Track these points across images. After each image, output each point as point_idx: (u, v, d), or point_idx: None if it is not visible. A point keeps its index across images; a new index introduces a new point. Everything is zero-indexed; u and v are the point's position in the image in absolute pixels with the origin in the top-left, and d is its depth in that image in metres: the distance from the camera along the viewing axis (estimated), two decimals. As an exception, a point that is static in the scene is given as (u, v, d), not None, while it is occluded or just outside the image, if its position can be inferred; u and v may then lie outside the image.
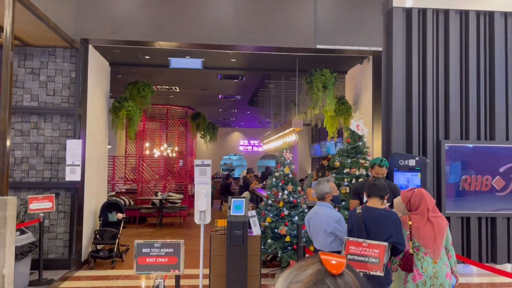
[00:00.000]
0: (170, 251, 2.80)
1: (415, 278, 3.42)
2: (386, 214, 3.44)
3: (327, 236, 3.74)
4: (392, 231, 3.32)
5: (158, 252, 2.80)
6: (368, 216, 3.44)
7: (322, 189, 3.90)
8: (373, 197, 3.52)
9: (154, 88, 10.65)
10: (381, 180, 3.62)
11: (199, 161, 5.36)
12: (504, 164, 6.70)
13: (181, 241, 2.86)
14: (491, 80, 6.80)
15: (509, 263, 6.72)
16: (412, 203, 3.51)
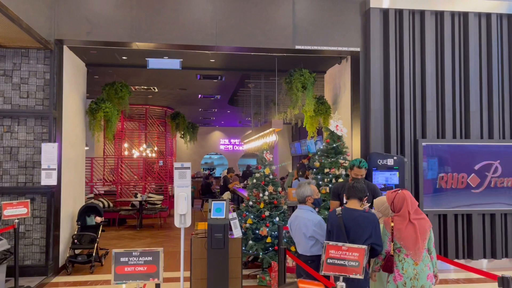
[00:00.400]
0: (149, 259, 2.76)
1: (395, 279, 3.47)
2: (366, 216, 3.48)
3: (308, 240, 3.74)
4: (371, 232, 3.37)
5: (136, 260, 2.75)
6: (348, 217, 3.46)
7: (303, 192, 3.89)
8: (352, 199, 3.55)
9: (132, 88, 10.51)
10: (360, 182, 3.65)
11: (178, 164, 5.30)
12: (479, 162, 6.86)
13: (160, 249, 2.82)
14: (465, 79, 6.95)
15: (485, 259, 6.89)
16: (395, 204, 3.56)
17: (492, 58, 6.96)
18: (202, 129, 19.82)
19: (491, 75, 6.96)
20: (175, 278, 6.13)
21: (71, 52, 7.01)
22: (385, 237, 3.53)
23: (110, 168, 13.48)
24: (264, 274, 6.00)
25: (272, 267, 5.76)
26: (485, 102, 6.96)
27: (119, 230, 10.82)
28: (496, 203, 6.86)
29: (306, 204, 3.91)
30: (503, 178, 6.88)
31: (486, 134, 6.95)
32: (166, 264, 7.14)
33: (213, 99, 12.73)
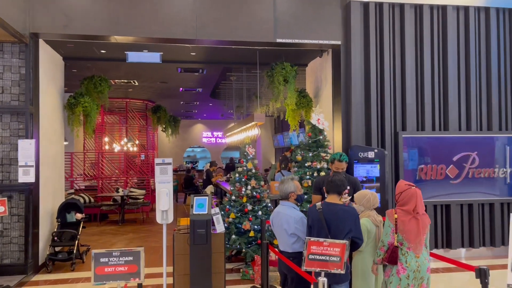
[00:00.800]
0: (129, 259, 2.73)
1: (399, 272, 3.47)
2: (347, 210, 3.50)
3: (289, 237, 3.73)
4: (352, 226, 3.39)
5: (117, 261, 2.72)
6: (329, 211, 3.48)
7: (286, 188, 3.85)
8: (331, 194, 3.56)
9: (112, 82, 10.35)
10: (339, 176, 3.65)
11: (159, 160, 5.24)
12: (457, 153, 6.99)
13: (141, 249, 2.79)
14: (444, 72, 7.04)
15: (463, 248, 7.06)
16: (403, 196, 3.54)
17: (470, 51, 7.07)
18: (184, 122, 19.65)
19: (468, 68, 7.07)
20: (158, 273, 6.09)
21: (48, 46, 6.84)
22: (388, 229, 3.52)
23: (91, 162, 13.29)
24: (247, 268, 6.03)
25: (255, 261, 5.79)
26: (463, 95, 7.08)
27: (101, 225, 10.70)
28: (474, 192, 7.01)
29: (289, 200, 3.88)
30: (480, 169, 7.03)
31: (464, 126, 7.08)
32: (149, 259, 7.11)
33: (195, 92, 12.63)
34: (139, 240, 8.90)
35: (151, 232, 9.65)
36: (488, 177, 7.05)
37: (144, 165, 14.03)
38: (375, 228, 3.82)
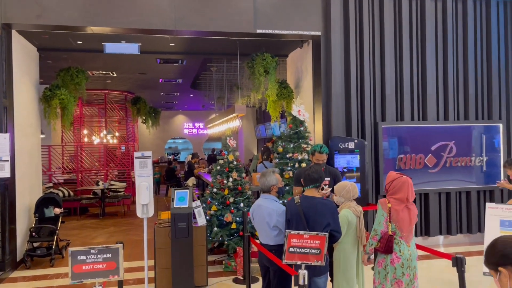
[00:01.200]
0: (108, 256, 2.69)
1: (393, 261, 3.50)
2: (325, 203, 3.50)
3: (271, 230, 3.70)
4: (330, 220, 3.40)
5: (95, 258, 2.67)
6: (307, 205, 3.47)
7: (269, 181, 3.81)
8: (309, 187, 3.56)
9: (89, 73, 10.13)
10: (316, 168, 3.62)
11: (139, 153, 5.17)
12: (436, 143, 7.11)
13: (119, 246, 2.75)
14: (422, 63, 7.11)
15: (441, 235, 7.21)
16: (394, 185, 3.56)
17: (448, 41, 7.15)
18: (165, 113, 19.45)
19: (446, 59, 7.16)
20: (140, 267, 6.06)
21: (21, 37, 6.63)
22: (381, 218, 3.53)
23: (70, 155, 13.04)
24: (229, 260, 6.04)
25: (238, 253, 5.79)
26: (441, 85, 7.18)
27: (81, 219, 10.55)
28: (452, 180, 7.14)
29: (270, 193, 3.86)
30: (458, 158, 7.16)
31: (442, 116, 7.19)
32: (131, 253, 7.05)
33: (175, 83, 12.47)
34: (120, 233, 8.82)
35: (133, 225, 9.57)
36: (465, 166, 7.20)
37: (125, 158, 13.85)
38: (355, 219, 3.86)
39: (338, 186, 4.07)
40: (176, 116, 21.39)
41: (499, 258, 1.59)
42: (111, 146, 13.96)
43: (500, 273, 1.59)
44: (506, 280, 1.57)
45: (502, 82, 7.38)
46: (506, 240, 1.61)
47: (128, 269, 6.16)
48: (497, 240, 1.65)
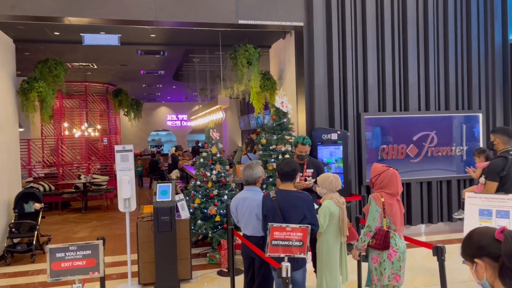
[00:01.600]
0: (87, 253, 2.64)
1: (390, 256, 3.45)
2: (301, 196, 3.48)
3: (260, 221, 3.69)
4: (306, 213, 3.39)
5: (74, 255, 2.62)
6: (283, 199, 3.45)
7: (256, 173, 3.77)
8: (284, 181, 3.54)
9: (69, 65, 9.91)
10: (288, 162, 3.56)
11: (120, 147, 5.10)
12: (417, 133, 7.18)
13: (99, 242, 2.70)
14: (404, 53, 7.15)
15: (423, 224, 7.33)
16: (382, 179, 3.49)
17: (429, 32, 7.20)
18: (147, 105, 19.22)
19: (427, 49, 7.21)
20: (123, 261, 6.00)
21: (-5, 28, 6.44)
22: (376, 213, 3.45)
23: (50, 149, 12.80)
24: (214, 253, 6.02)
25: (222, 245, 5.78)
26: (422, 75, 7.23)
27: (63, 214, 10.40)
28: (433, 170, 7.24)
29: (256, 185, 3.83)
30: (439, 148, 7.26)
31: (424, 106, 7.26)
32: (114, 247, 6.99)
33: (157, 74, 12.31)
34: (103, 227, 8.72)
35: (116, 219, 9.47)
36: (446, 155, 7.30)
37: (107, 151, 13.66)
38: (338, 210, 3.87)
39: (321, 178, 4.08)
40: (159, 108, 21.17)
41: (475, 249, 1.60)
42: (93, 139, 13.75)
43: (476, 264, 1.60)
44: (482, 271, 1.59)
45: (481, 73, 7.48)
46: (482, 231, 1.62)
47: (111, 264, 6.11)
48: (474, 231, 1.66)
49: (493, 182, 4.51)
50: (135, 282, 5.18)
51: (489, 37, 7.51)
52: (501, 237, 1.54)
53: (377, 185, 3.54)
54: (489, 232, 1.59)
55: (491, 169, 4.58)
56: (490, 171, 4.57)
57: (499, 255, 1.52)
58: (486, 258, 1.56)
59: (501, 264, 1.52)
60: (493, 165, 4.58)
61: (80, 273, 2.63)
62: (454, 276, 4.94)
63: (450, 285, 4.79)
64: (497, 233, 1.56)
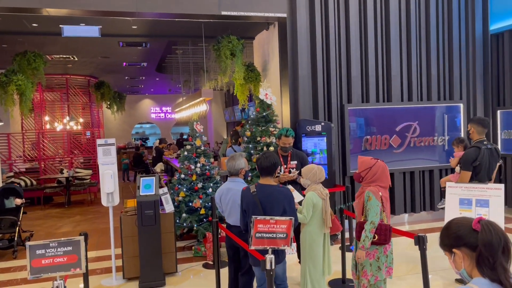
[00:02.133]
0: (68, 249, 2.60)
1: (386, 250, 3.44)
2: (281, 190, 3.50)
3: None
4: (286, 207, 3.41)
5: (54, 252, 2.58)
6: (263, 193, 3.45)
7: (238, 164, 3.83)
8: (263, 176, 3.54)
9: (48, 57, 9.71)
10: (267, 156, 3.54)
11: (102, 141, 5.03)
12: (400, 124, 7.25)
13: (81, 238, 2.66)
14: (387, 44, 7.18)
15: (406, 213, 7.43)
16: (373, 171, 3.42)
17: (411, 23, 7.23)
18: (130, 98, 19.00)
19: (410, 41, 7.26)
20: (107, 256, 5.95)
21: (-30, 19, 6.25)
22: (377, 208, 3.35)
23: (31, 143, 12.57)
24: (199, 245, 6.02)
25: (207, 238, 5.78)
26: (405, 66, 7.28)
27: (45, 209, 10.25)
28: (416, 159, 7.32)
29: (238, 176, 3.89)
30: (421, 138, 7.35)
31: (406, 97, 7.32)
32: (98, 241, 6.92)
33: (140, 66, 12.15)
34: (86, 222, 8.63)
35: (100, 213, 9.37)
36: (428, 145, 7.39)
37: (90, 144, 13.47)
38: (321, 201, 3.89)
39: (305, 169, 4.09)
40: (142, 100, 20.95)
41: (453, 240, 1.63)
42: (75, 132, 13.53)
43: (454, 254, 1.62)
44: (460, 261, 1.61)
45: (462, 64, 7.57)
46: (459, 222, 1.65)
47: (95, 259, 6.05)
48: (451, 222, 1.68)
49: (467, 172, 4.59)
50: (119, 277, 5.15)
51: (470, 28, 7.59)
52: (478, 227, 1.56)
53: (368, 178, 3.46)
54: (466, 223, 1.61)
55: (464, 159, 4.66)
56: (464, 161, 4.65)
57: (477, 245, 1.54)
58: (464, 248, 1.59)
59: (478, 253, 1.54)
60: (467, 155, 4.66)
61: (61, 270, 2.60)
62: (437, 264, 5.03)
63: (432, 273, 4.89)
64: (474, 223, 1.58)
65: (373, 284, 3.46)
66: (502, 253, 1.52)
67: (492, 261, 1.51)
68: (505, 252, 1.53)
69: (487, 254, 1.52)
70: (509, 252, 1.54)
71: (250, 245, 2.95)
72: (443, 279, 4.82)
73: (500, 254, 1.52)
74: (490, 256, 1.51)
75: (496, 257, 1.51)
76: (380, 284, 3.47)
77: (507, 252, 1.53)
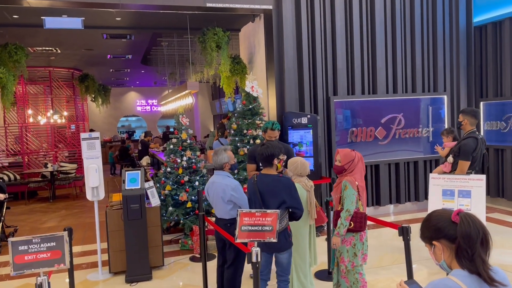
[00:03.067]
0: (52, 245, 2.57)
1: (362, 237, 3.54)
2: (279, 180, 3.48)
3: (226, 204, 3.78)
4: (285, 197, 3.40)
5: (38, 248, 2.55)
6: (262, 183, 3.48)
7: (220, 159, 3.86)
8: (264, 166, 3.56)
9: (30, 49, 9.53)
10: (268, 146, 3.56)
11: (86, 135, 4.96)
12: (385, 116, 7.31)
13: (64, 233, 2.63)
14: (372, 37, 7.21)
15: (391, 204, 7.52)
16: (354, 163, 3.56)
17: (396, 15, 7.27)
18: (116, 90, 18.77)
19: (395, 33, 7.29)
20: (94, 251, 5.91)
21: None
22: (353, 197, 3.48)
23: (14, 137, 12.35)
24: (186, 239, 6.01)
25: (194, 231, 5.77)
26: (390, 59, 7.32)
27: (30, 203, 10.12)
28: (401, 151, 7.40)
29: (223, 170, 3.90)
30: (406, 129, 7.42)
31: (391, 89, 7.37)
32: (84, 236, 6.87)
33: (124, 59, 12.00)
34: (72, 216, 8.54)
35: (86, 208, 9.29)
36: (413, 137, 7.47)
37: (75, 138, 13.30)
38: (306, 193, 3.92)
39: (289, 162, 4.11)
40: (128, 93, 20.72)
41: (432, 232, 1.65)
42: (60, 126, 13.34)
43: (434, 246, 1.65)
44: (440, 253, 1.63)
45: (446, 56, 7.64)
46: (439, 214, 1.66)
47: (81, 253, 6.01)
48: (431, 214, 1.70)
49: (466, 162, 4.68)
50: (105, 271, 5.12)
51: (454, 21, 7.66)
52: (457, 219, 1.58)
53: (350, 170, 3.58)
54: (446, 215, 1.63)
55: (464, 149, 4.73)
56: (464, 151, 4.72)
57: (456, 237, 1.56)
58: (443, 240, 1.61)
59: (457, 245, 1.56)
60: (466, 145, 4.73)
61: (45, 266, 2.57)
62: (421, 254, 5.11)
63: (416, 262, 4.97)
64: (453, 215, 1.60)
65: (350, 269, 3.58)
66: (480, 245, 1.54)
67: (470, 252, 1.53)
68: (484, 244, 1.55)
69: (465, 246, 1.54)
70: (487, 244, 1.56)
71: (236, 238, 2.96)
72: (428, 268, 4.90)
73: (479, 246, 1.53)
74: (468, 248, 1.53)
75: (474, 249, 1.53)
76: (358, 270, 3.58)
77: (485, 244, 1.55)
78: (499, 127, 7.48)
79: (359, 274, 3.58)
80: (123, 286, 4.77)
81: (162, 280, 4.90)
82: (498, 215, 7.02)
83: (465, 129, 4.92)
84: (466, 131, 4.89)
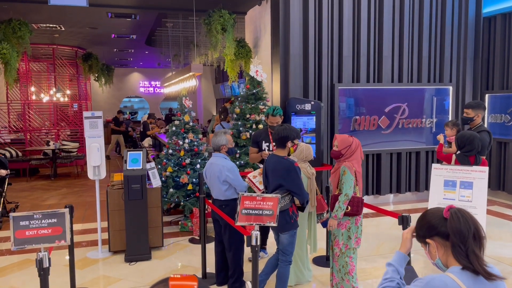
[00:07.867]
0: (53, 221, 2.58)
1: (357, 221, 3.59)
2: (282, 162, 3.47)
3: (221, 185, 3.89)
4: (283, 180, 3.40)
5: (39, 223, 2.56)
6: (269, 162, 3.59)
7: (218, 141, 3.94)
8: (277, 147, 3.58)
9: (34, 26, 9.46)
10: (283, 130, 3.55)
11: (88, 113, 4.95)
12: (389, 105, 7.27)
13: (66, 210, 2.64)
14: (379, 25, 7.12)
15: (391, 193, 7.53)
16: (352, 149, 3.58)
17: (404, 3, 7.17)
18: (119, 70, 18.68)
19: (402, 21, 7.20)
20: (94, 229, 5.95)
21: (-48, -17, 6.01)
22: (351, 182, 3.50)
23: (17, 114, 12.35)
24: (186, 221, 6.04)
25: (194, 213, 5.80)
26: (397, 48, 7.25)
27: (31, 181, 10.17)
28: (403, 141, 7.37)
29: (220, 152, 3.97)
30: (410, 119, 7.39)
31: (397, 78, 7.31)
32: (84, 214, 6.91)
33: (128, 39, 11.90)
34: (73, 195, 8.59)
35: (87, 186, 9.33)
36: (416, 127, 7.44)
37: (77, 117, 13.28)
38: (306, 180, 3.92)
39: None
40: (131, 73, 20.62)
41: (425, 230, 1.62)
42: (62, 104, 13.31)
43: (429, 245, 1.63)
44: (434, 251, 1.61)
45: (454, 46, 7.55)
46: (433, 211, 1.64)
47: (81, 231, 6.05)
48: (426, 212, 1.67)
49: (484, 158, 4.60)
50: (105, 250, 5.16)
51: (463, 11, 7.55)
52: (448, 215, 1.56)
53: (347, 155, 3.59)
54: (439, 212, 1.60)
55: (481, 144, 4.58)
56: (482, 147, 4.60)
57: (448, 233, 1.55)
58: (436, 237, 1.59)
59: (451, 242, 1.54)
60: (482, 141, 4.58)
61: (46, 242, 2.58)
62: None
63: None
64: (444, 211, 1.57)
65: (344, 252, 3.62)
66: (473, 240, 1.52)
67: (464, 248, 1.51)
68: (476, 239, 1.53)
69: (457, 241, 1.52)
70: (480, 239, 1.53)
71: (236, 221, 2.97)
72: (424, 257, 4.92)
73: (471, 241, 1.51)
74: (461, 244, 1.51)
75: (467, 244, 1.51)
76: (349, 253, 3.61)
77: (478, 239, 1.53)
78: (503, 120, 7.43)
79: (349, 257, 3.63)
80: (123, 265, 4.81)
81: (161, 261, 4.94)
82: (498, 208, 7.03)
83: (476, 123, 4.90)
84: (476, 125, 4.87)
